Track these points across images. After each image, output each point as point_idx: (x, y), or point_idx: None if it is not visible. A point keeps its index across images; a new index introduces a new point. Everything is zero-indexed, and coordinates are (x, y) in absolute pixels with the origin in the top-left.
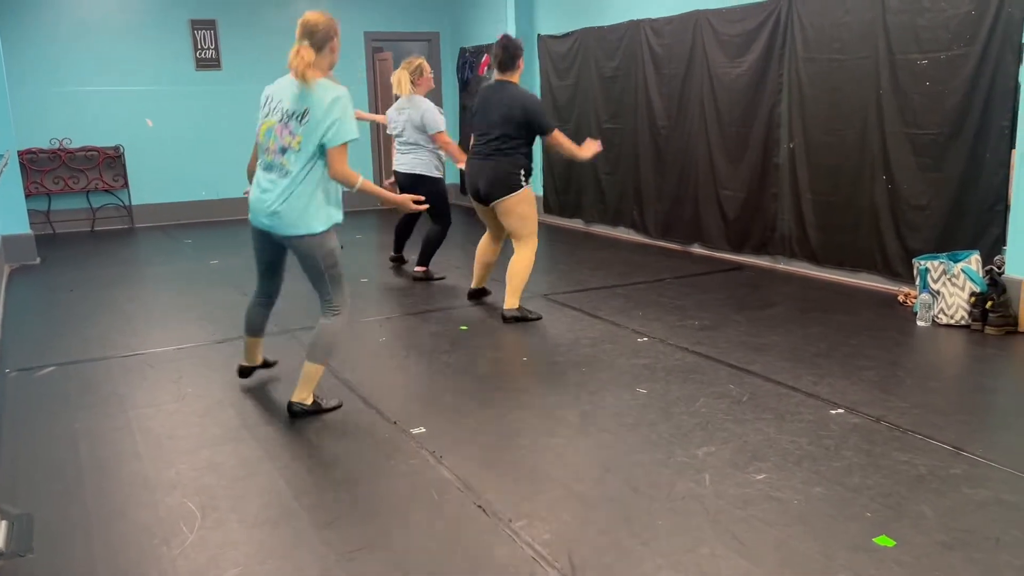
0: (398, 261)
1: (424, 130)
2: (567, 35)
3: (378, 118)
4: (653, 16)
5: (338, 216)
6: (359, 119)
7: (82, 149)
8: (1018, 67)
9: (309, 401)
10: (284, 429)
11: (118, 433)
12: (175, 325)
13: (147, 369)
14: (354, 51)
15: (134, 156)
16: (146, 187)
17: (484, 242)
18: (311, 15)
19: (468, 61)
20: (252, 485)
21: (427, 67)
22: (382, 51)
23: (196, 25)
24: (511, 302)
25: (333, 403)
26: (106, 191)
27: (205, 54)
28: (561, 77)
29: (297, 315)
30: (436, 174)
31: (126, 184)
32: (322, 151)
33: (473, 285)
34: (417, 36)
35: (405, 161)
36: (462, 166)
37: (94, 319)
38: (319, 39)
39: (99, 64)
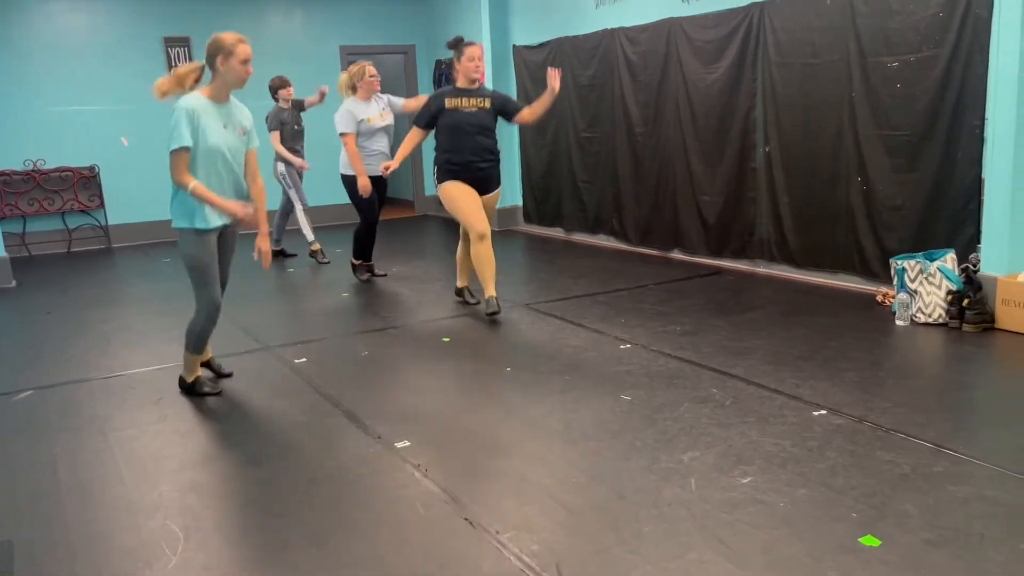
0: (368, 270)
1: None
2: (542, 45)
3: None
4: (627, 24)
5: (201, 221)
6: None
7: (57, 170)
8: (987, 67)
9: (188, 380)
10: (267, 447)
11: (99, 456)
12: (155, 345)
13: (128, 390)
14: (331, 64)
15: (110, 175)
16: (123, 206)
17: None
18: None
19: (444, 73)
20: (235, 504)
21: (368, 70)
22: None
23: (170, 42)
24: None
25: (206, 389)
26: (82, 211)
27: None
28: (538, 86)
29: (278, 332)
30: (350, 172)
31: (102, 204)
32: None
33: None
34: (393, 49)
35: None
36: (343, 171)
37: (72, 341)
38: (208, 58)
39: (72, 84)
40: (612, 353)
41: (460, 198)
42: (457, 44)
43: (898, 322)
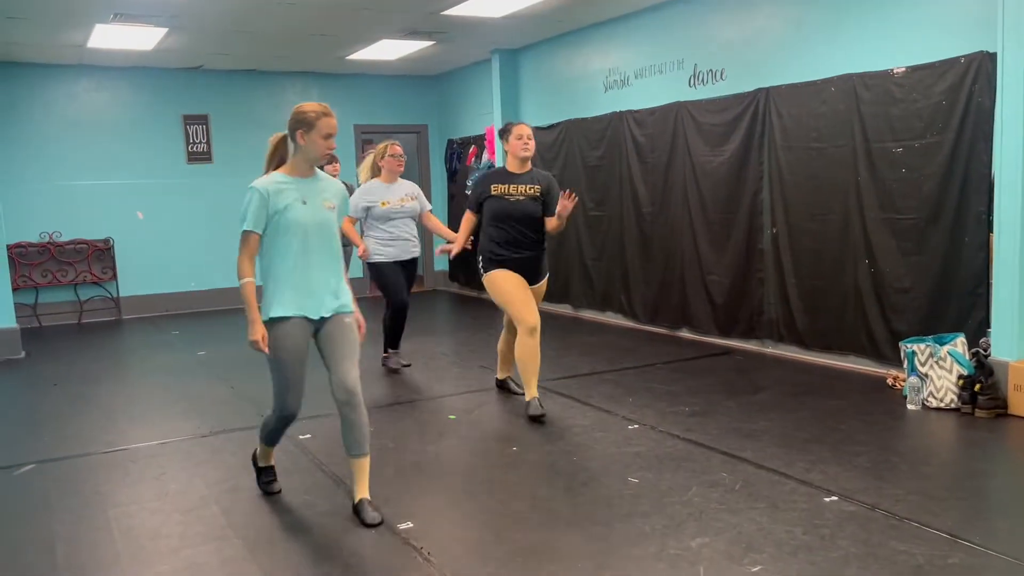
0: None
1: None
2: (552, 126)
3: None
4: (635, 108)
5: (278, 308)
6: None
7: (72, 242)
8: (991, 154)
9: (259, 463)
10: (270, 528)
11: (98, 534)
12: (159, 419)
13: (129, 465)
14: (345, 142)
15: (124, 248)
16: (135, 278)
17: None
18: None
19: (456, 152)
20: None
21: (390, 148)
22: (372, 143)
23: (188, 120)
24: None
25: (268, 482)
26: (94, 283)
27: (197, 147)
28: (547, 166)
29: None
30: (375, 259)
31: (115, 276)
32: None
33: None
34: (405, 128)
35: None
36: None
37: (77, 414)
38: (289, 130)
39: (91, 159)
40: (620, 433)
41: (509, 289)
42: (505, 128)
43: (909, 406)
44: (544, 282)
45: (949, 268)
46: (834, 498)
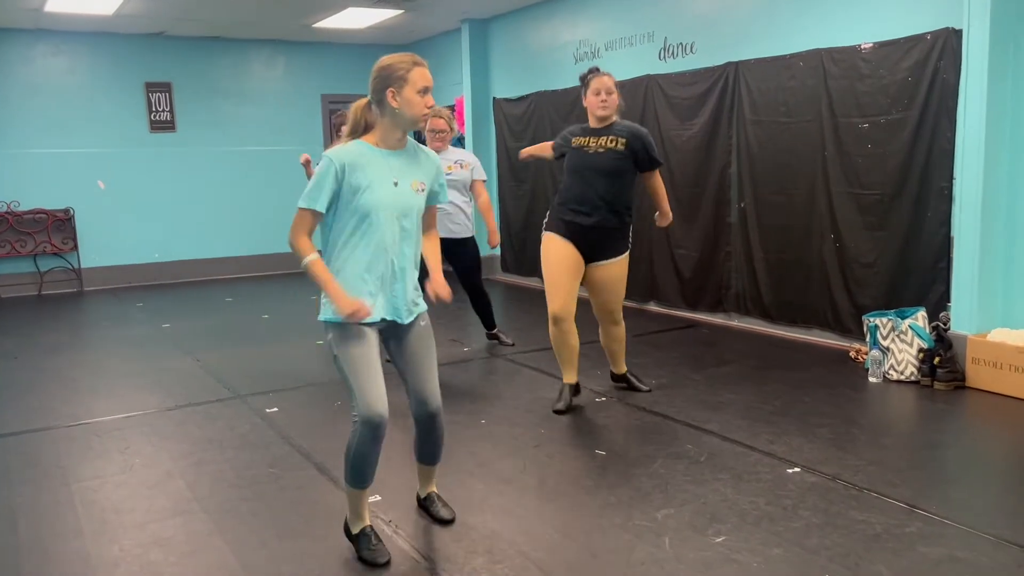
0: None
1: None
2: (522, 98)
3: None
4: None
5: (330, 310)
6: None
7: (31, 212)
8: (954, 130)
9: (352, 529)
10: (236, 501)
11: (60, 508)
12: (123, 392)
13: (93, 439)
14: (313, 112)
15: (85, 218)
16: (96, 249)
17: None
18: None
19: (426, 123)
20: (201, 561)
21: (431, 122)
22: (339, 112)
23: (151, 88)
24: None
25: (369, 552)
26: (55, 254)
27: (160, 116)
28: (517, 139)
29: (250, 381)
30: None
31: (75, 247)
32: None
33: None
34: None
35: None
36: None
37: (38, 387)
38: (373, 92)
39: (50, 126)
40: (588, 406)
41: (551, 265)
42: (583, 78)
43: (871, 379)
44: (614, 264)
45: (911, 243)
46: (797, 469)
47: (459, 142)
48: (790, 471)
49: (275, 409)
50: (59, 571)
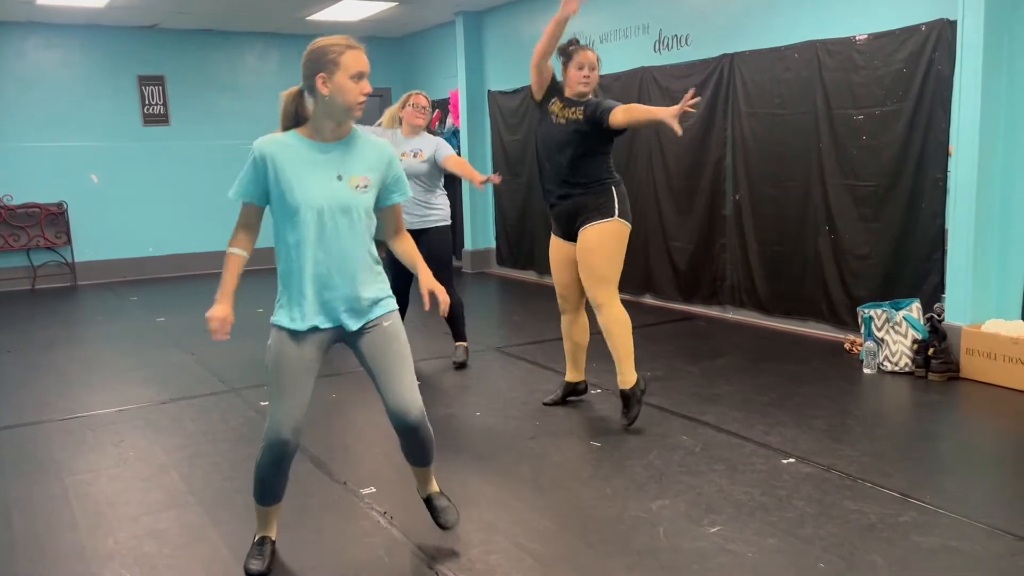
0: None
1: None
2: (517, 91)
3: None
4: (600, 72)
5: (281, 316)
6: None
7: (24, 206)
8: (948, 122)
9: (256, 534)
10: (230, 494)
11: (54, 502)
12: (118, 386)
13: (87, 432)
14: None
15: (78, 212)
16: (90, 244)
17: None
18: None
19: None
20: (195, 553)
21: (412, 98)
22: None
23: (144, 81)
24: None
25: (254, 566)
26: (48, 248)
27: (153, 109)
28: (512, 132)
29: (244, 374)
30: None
31: (69, 241)
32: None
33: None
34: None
35: None
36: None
37: (31, 381)
38: (305, 78)
39: (42, 120)
40: (583, 398)
41: (549, 255)
42: (564, 49)
43: (865, 370)
44: (585, 230)
45: (906, 235)
46: (791, 460)
47: (454, 135)
48: (785, 462)
49: (267, 403)
50: (54, 564)
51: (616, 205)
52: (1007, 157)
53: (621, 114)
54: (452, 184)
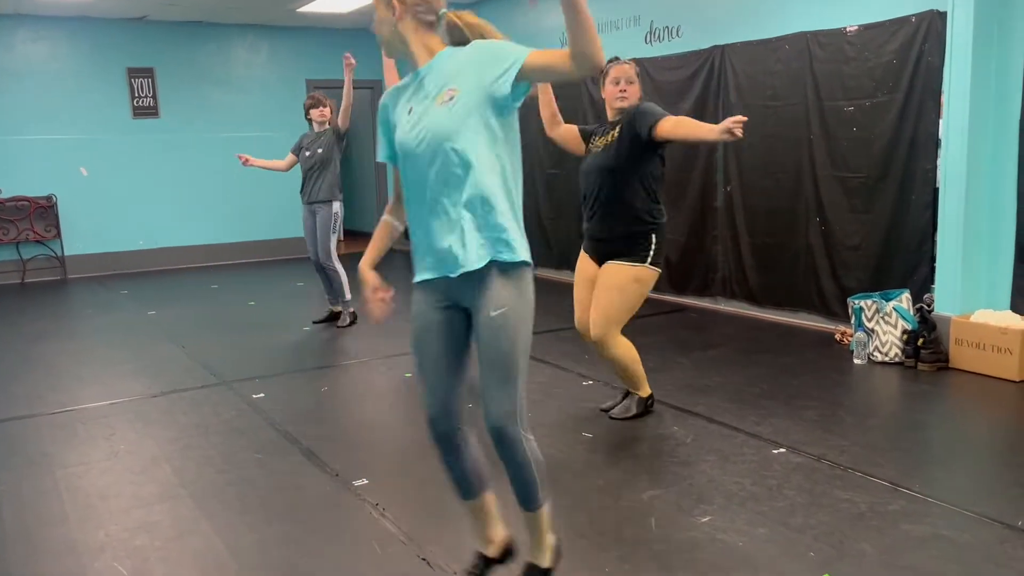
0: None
1: None
2: None
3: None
4: None
5: (418, 268)
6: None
7: (12, 199)
8: (938, 113)
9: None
10: (223, 487)
11: (44, 495)
12: (108, 379)
13: (77, 426)
14: (297, 97)
15: (68, 205)
16: (80, 237)
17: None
18: None
19: None
20: (188, 546)
21: None
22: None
23: (133, 73)
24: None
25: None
26: (37, 241)
27: (143, 102)
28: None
29: (236, 367)
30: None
31: (59, 234)
32: None
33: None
34: (359, 84)
35: None
36: None
37: (21, 375)
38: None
39: (31, 113)
40: (575, 389)
41: (575, 276)
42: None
43: (856, 361)
44: (609, 267)
45: (896, 225)
46: (782, 450)
47: None
48: (775, 452)
49: (261, 395)
50: (44, 557)
51: (651, 254)
52: (996, 148)
53: (671, 125)
54: None
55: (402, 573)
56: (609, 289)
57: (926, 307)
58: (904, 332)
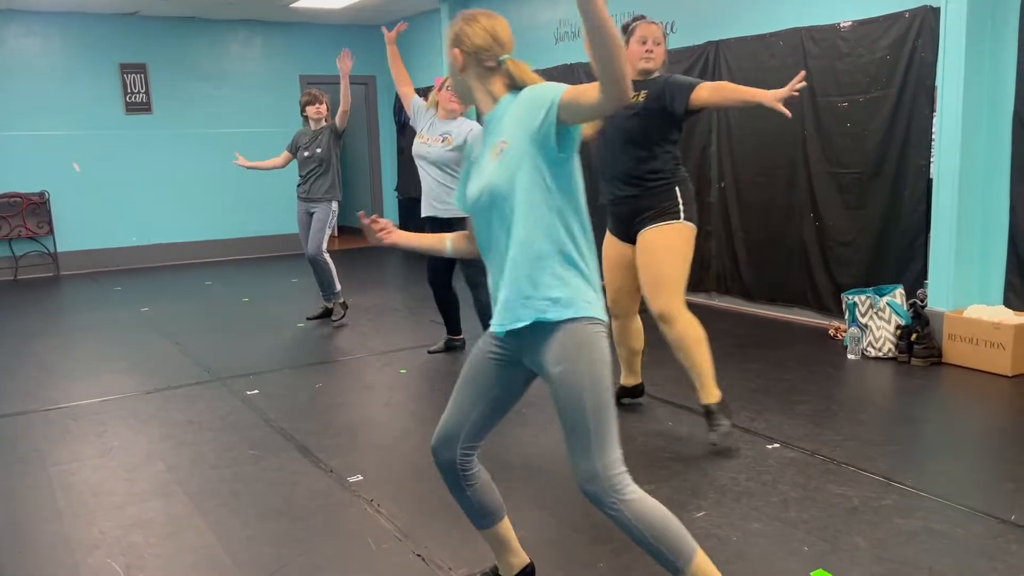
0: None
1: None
2: None
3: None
4: (586, 60)
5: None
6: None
7: (4, 196)
8: (932, 108)
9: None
10: (216, 483)
11: (37, 492)
12: (101, 376)
13: (70, 422)
14: (290, 93)
15: (60, 202)
16: (73, 233)
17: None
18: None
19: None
20: (182, 542)
21: (447, 81)
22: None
23: (126, 69)
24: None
25: None
26: (30, 238)
27: (135, 98)
28: None
29: (230, 363)
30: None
31: (51, 231)
32: None
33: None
34: (352, 80)
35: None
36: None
37: (13, 371)
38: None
39: (23, 108)
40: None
41: (604, 270)
42: (627, 26)
43: (850, 356)
44: (647, 231)
45: (890, 221)
46: (776, 445)
47: None
48: (770, 447)
49: (256, 391)
50: (38, 554)
51: (681, 208)
52: (989, 144)
53: (707, 92)
54: None
55: (397, 569)
56: (651, 257)
57: (919, 302)
58: (897, 327)
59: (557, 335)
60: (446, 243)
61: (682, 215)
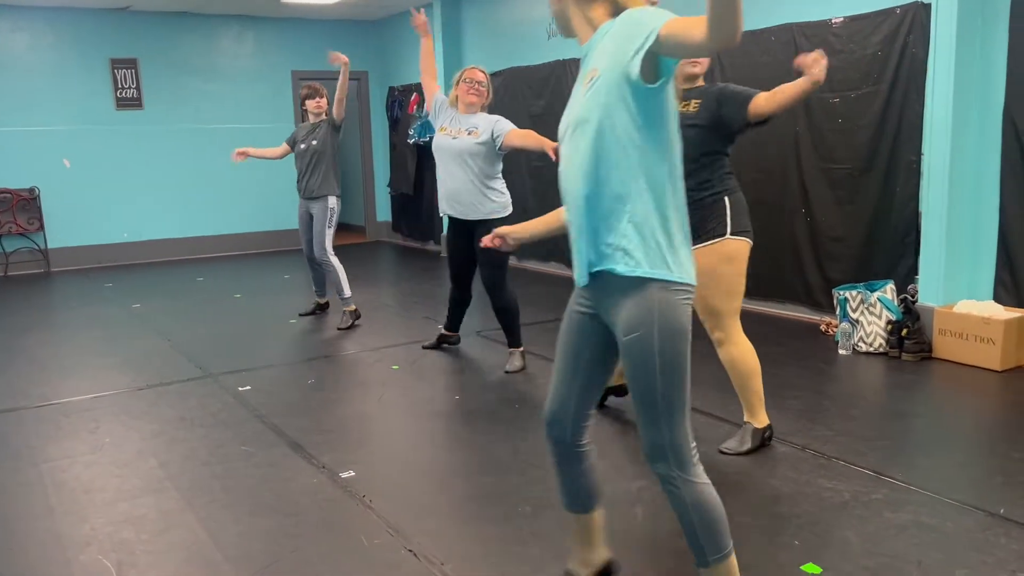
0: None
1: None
2: (495, 74)
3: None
4: (576, 56)
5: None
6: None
7: None
8: (923, 104)
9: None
10: (208, 479)
11: (28, 488)
12: (93, 372)
13: (61, 419)
14: (283, 89)
15: (50, 198)
16: (63, 230)
17: None
18: None
19: (397, 100)
20: (174, 539)
21: (466, 73)
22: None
23: (116, 64)
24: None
25: None
26: (20, 234)
27: (126, 93)
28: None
29: (222, 359)
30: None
31: (41, 227)
32: None
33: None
34: None
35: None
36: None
37: (3, 368)
38: None
39: (12, 104)
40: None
41: None
42: None
43: (841, 351)
44: (709, 250)
45: (881, 217)
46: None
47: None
48: None
49: (248, 388)
50: (29, 550)
51: (728, 221)
52: (980, 140)
53: (764, 100)
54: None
55: (389, 565)
56: (699, 279)
57: (910, 298)
58: (888, 322)
59: (631, 295)
60: (563, 216)
61: (728, 229)
